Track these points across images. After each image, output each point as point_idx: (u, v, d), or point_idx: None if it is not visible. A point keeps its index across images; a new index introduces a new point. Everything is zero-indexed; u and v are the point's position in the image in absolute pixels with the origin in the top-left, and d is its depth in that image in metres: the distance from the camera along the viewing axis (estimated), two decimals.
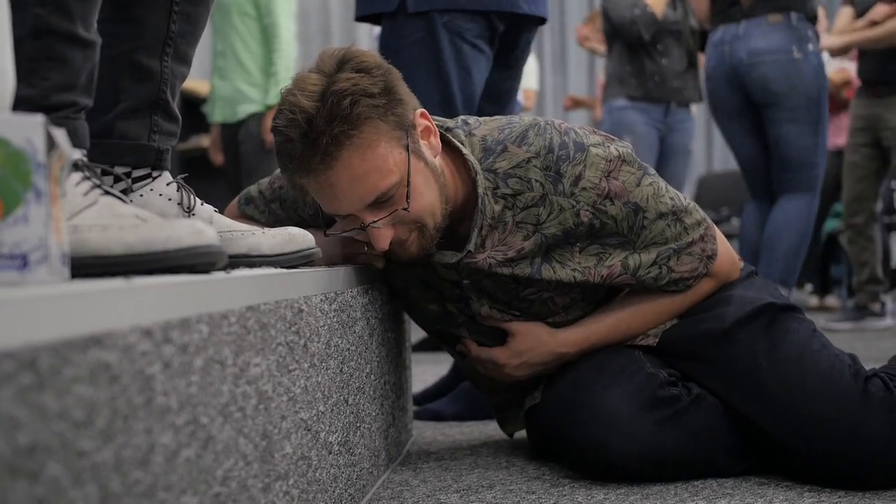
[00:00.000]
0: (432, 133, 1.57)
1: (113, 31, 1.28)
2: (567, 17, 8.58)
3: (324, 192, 1.50)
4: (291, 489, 1.15)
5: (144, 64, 1.35)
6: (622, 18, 4.14)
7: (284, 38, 4.28)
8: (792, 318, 1.67)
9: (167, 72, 1.37)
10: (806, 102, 3.49)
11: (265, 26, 4.29)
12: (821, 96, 3.49)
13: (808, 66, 3.48)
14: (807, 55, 3.47)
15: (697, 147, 8.60)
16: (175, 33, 1.36)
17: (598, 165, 1.57)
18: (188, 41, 1.40)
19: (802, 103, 3.50)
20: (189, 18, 1.39)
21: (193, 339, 0.87)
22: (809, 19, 3.52)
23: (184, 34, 1.38)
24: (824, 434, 1.53)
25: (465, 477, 1.70)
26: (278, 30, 4.26)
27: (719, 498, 1.50)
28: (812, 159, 3.53)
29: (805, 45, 3.48)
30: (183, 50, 1.39)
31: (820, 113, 3.50)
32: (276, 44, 4.28)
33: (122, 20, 1.33)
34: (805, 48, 3.47)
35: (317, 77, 1.46)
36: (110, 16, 1.28)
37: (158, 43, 1.35)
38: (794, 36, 3.48)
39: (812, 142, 3.52)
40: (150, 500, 0.77)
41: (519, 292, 1.68)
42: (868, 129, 4.56)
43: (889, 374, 1.64)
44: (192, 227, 1.01)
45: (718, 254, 1.68)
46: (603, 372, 1.65)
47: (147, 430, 0.77)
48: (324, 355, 1.31)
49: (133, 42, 1.34)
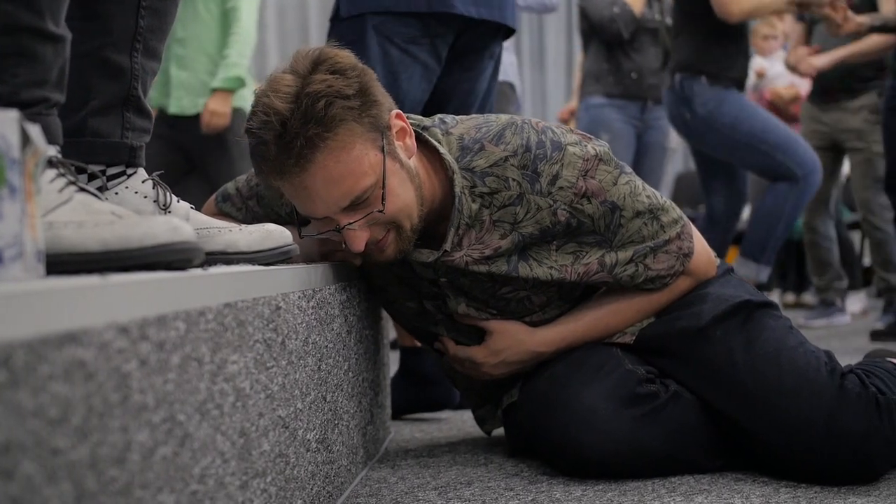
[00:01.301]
0: (407, 134, 1.57)
1: (80, 28, 1.27)
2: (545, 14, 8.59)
3: (299, 195, 1.49)
4: (269, 486, 1.15)
5: (114, 61, 1.33)
6: (601, 17, 4.15)
7: (244, 24, 4.06)
8: (768, 315, 1.68)
9: (137, 68, 1.35)
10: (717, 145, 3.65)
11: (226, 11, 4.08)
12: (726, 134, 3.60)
13: (697, 122, 3.61)
14: (694, 114, 3.60)
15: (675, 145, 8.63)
16: (144, 29, 1.35)
17: (575, 165, 1.57)
18: (157, 36, 1.38)
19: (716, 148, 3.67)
20: (157, 13, 1.37)
21: (170, 336, 0.87)
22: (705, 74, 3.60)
23: (153, 29, 1.36)
24: (800, 430, 1.54)
25: (444, 474, 1.70)
26: (239, 13, 4.04)
27: (696, 494, 1.50)
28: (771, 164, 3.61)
29: (690, 103, 3.60)
30: (153, 45, 1.38)
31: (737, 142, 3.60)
32: (235, 27, 4.05)
33: (89, 17, 1.32)
34: (691, 107, 3.61)
35: (291, 78, 1.45)
36: (77, 13, 1.27)
37: (127, 39, 1.34)
38: (678, 99, 3.64)
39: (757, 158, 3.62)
40: (126, 499, 0.77)
41: (496, 291, 1.68)
42: (826, 134, 4.62)
43: (865, 371, 1.65)
44: (169, 223, 1.01)
45: (695, 252, 1.69)
46: (580, 369, 1.65)
47: (123, 427, 0.77)
48: (302, 352, 1.31)
49: (101, 39, 1.32)
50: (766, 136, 3.59)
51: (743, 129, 3.59)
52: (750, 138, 3.59)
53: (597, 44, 4.29)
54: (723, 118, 3.59)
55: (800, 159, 3.59)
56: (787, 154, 3.60)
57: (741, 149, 3.62)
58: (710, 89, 3.59)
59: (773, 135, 3.60)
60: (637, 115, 4.23)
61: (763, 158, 3.61)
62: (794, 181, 3.59)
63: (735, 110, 3.60)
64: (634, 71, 4.19)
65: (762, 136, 3.59)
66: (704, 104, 3.59)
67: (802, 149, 3.63)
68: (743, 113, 3.61)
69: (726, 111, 3.59)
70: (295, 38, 6.90)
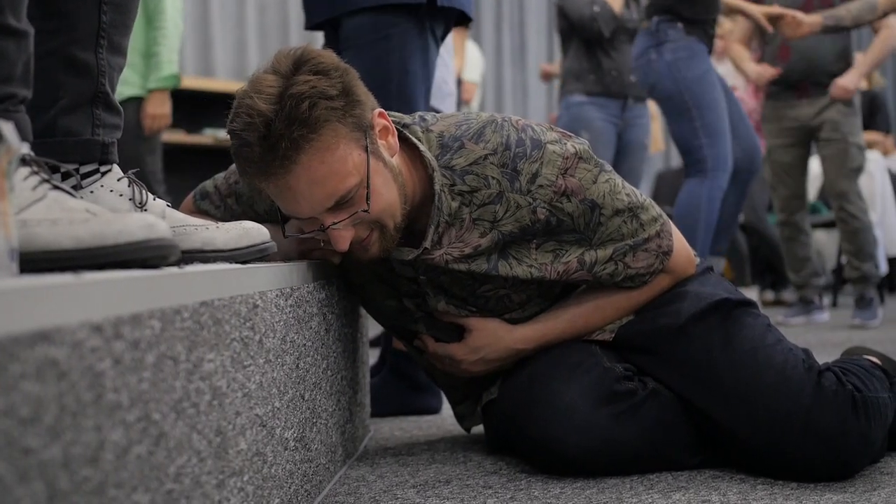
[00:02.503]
0: (390, 132, 1.56)
1: (43, 27, 1.26)
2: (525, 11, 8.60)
3: (283, 196, 1.49)
4: (246, 485, 1.14)
5: (80, 58, 1.32)
6: (581, 16, 4.15)
7: (169, 16, 3.92)
8: (747, 313, 1.69)
9: (104, 64, 1.34)
10: (667, 96, 3.64)
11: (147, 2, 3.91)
12: (680, 88, 3.59)
13: (662, 64, 3.60)
14: (661, 55, 3.60)
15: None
16: (107, 24, 1.33)
17: (554, 163, 1.58)
18: (121, 31, 1.37)
19: (664, 97, 3.65)
20: (119, 8, 1.36)
21: (145, 334, 0.86)
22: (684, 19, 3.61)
23: (116, 25, 1.35)
24: (778, 427, 1.55)
25: (422, 472, 1.70)
26: (162, 5, 3.90)
27: (674, 491, 1.51)
28: (692, 143, 3.61)
29: (661, 46, 3.61)
30: (117, 41, 1.37)
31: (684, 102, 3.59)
32: (160, 21, 3.91)
33: (51, 15, 1.30)
34: (660, 49, 3.61)
35: (273, 79, 1.44)
36: (38, 12, 1.26)
37: (91, 36, 1.32)
38: (652, 40, 3.64)
39: (687, 128, 3.60)
40: (99, 498, 0.76)
41: (476, 289, 1.68)
42: (798, 129, 4.65)
43: (842, 368, 1.66)
44: (144, 220, 1.00)
45: (674, 250, 1.70)
46: (559, 366, 1.65)
47: (97, 426, 0.76)
48: (279, 351, 1.30)
49: (65, 37, 1.31)
50: (705, 112, 3.58)
51: (694, 93, 3.59)
52: (693, 106, 3.58)
53: (577, 43, 4.30)
54: (686, 71, 3.59)
55: (717, 153, 3.59)
56: (710, 141, 3.59)
57: (679, 111, 3.62)
58: (685, 38, 3.61)
59: (712, 117, 3.59)
60: (617, 113, 4.24)
61: (688, 132, 3.61)
62: (702, 175, 3.59)
63: (700, 71, 3.61)
64: (615, 69, 4.20)
65: (702, 111, 3.59)
66: (674, 50, 3.60)
67: (725, 146, 3.62)
68: (704, 79, 3.61)
69: (693, 67, 3.60)
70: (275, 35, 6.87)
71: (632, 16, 4.20)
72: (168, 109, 3.86)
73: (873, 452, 1.60)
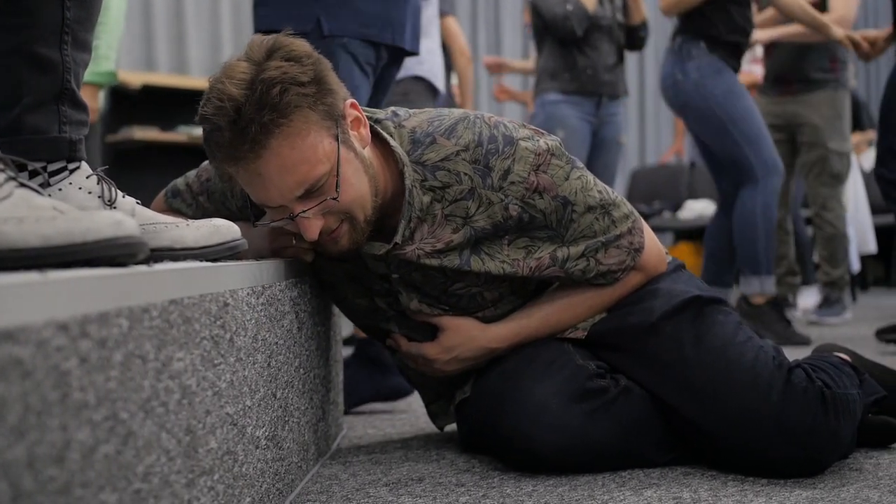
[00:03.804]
0: (362, 124, 1.56)
1: (5, 24, 1.24)
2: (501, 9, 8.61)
3: (253, 182, 1.48)
4: (216, 484, 1.14)
5: (44, 55, 1.31)
6: (554, 14, 4.15)
7: (112, 12, 3.82)
8: (718, 310, 1.70)
9: (68, 60, 1.33)
10: (699, 114, 3.65)
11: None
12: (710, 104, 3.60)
13: (689, 84, 3.62)
14: (687, 75, 3.61)
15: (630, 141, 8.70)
16: (71, 20, 1.32)
17: (526, 159, 1.58)
18: (85, 27, 1.36)
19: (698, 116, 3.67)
20: (82, 3, 1.34)
21: (112, 333, 0.85)
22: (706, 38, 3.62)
23: (79, 20, 1.34)
24: (748, 424, 1.56)
25: (395, 470, 1.69)
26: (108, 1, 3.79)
27: (646, 488, 1.51)
28: (736, 156, 3.63)
29: (685, 65, 3.62)
30: (81, 36, 1.35)
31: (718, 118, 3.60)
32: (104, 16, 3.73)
33: (14, 13, 1.29)
34: (685, 68, 3.62)
35: (246, 65, 1.44)
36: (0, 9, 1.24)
37: (55, 32, 1.31)
38: (676, 60, 3.66)
39: (727, 143, 3.62)
40: (65, 498, 0.75)
41: (448, 287, 1.68)
42: (784, 127, 4.67)
43: (812, 366, 1.67)
44: (112, 218, 0.99)
45: (646, 247, 1.70)
46: (532, 364, 1.66)
47: (62, 426, 0.75)
48: (251, 349, 1.30)
49: (29, 33, 1.30)
50: (742, 124, 3.60)
51: (726, 108, 3.59)
52: (728, 121, 3.59)
53: (551, 41, 4.30)
54: (714, 88, 3.59)
55: (763, 159, 3.61)
56: (754, 150, 3.61)
57: (715, 127, 3.62)
58: (708, 56, 3.60)
59: (749, 126, 3.61)
60: (592, 111, 4.24)
61: (731, 146, 3.62)
62: (753, 183, 3.60)
63: (727, 85, 3.61)
64: (589, 68, 4.20)
65: (739, 123, 3.60)
66: (699, 68, 3.60)
67: (769, 149, 3.65)
68: (732, 92, 3.61)
69: (719, 83, 3.60)
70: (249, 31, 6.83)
71: (605, 13, 4.21)
72: (97, 105, 3.79)
73: (843, 448, 1.61)
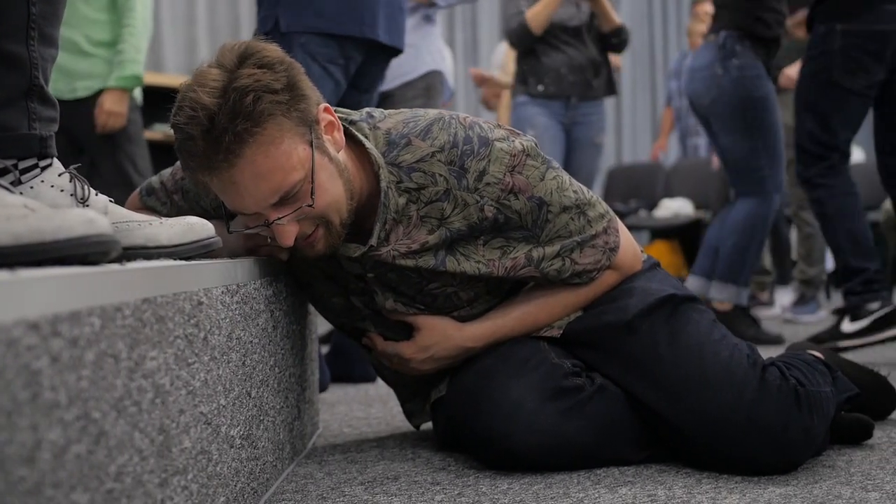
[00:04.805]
0: (336, 128, 1.56)
1: None
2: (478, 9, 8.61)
3: (227, 190, 1.47)
4: (190, 484, 1.13)
5: (11, 51, 1.29)
6: (509, 28, 4.21)
7: (138, 14, 3.74)
8: (693, 308, 1.71)
9: (35, 56, 1.32)
10: (730, 112, 3.59)
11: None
12: (745, 106, 3.56)
13: (728, 79, 3.57)
14: (727, 71, 3.57)
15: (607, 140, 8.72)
16: (36, 15, 1.31)
17: (502, 160, 1.58)
18: (51, 22, 1.34)
19: (724, 112, 3.61)
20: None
21: (84, 332, 0.85)
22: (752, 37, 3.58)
23: (45, 15, 1.33)
24: (722, 422, 1.57)
25: (371, 469, 1.69)
26: (131, 2, 3.72)
27: (621, 486, 1.52)
28: (751, 163, 3.60)
29: (728, 61, 3.57)
30: (48, 32, 1.34)
31: (747, 121, 3.57)
32: (129, 18, 3.73)
33: None
34: (727, 64, 3.57)
35: (217, 72, 1.43)
36: None
37: (21, 28, 1.30)
38: (718, 53, 3.60)
39: (746, 147, 3.60)
40: (36, 498, 0.75)
41: (423, 286, 1.68)
42: None
43: (785, 363, 1.68)
44: (84, 216, 0.98)
45: (621, 246, 1.71)
46: (507, 363, 1.66)
47: (33, 426, 0.75)
48: (225, 348, 1.29)
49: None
50: (768, 136, 3.58)
51: (759, 114, 3.55)
52: (756, 127, 3.56)
53: None
54: (753, 91, 3.55)
55: (776, 176, 3.63)
56: (772, 164, 3.61)
57: (741, 130, 3.57)
58: (753, 57, 3.56)
59: (775, 140, 3.60)
60: (561, 111, 4.24)
61: (750, 153, 3.59)
62: (761, 196, 3.60)
63: (765, 92, 3.57)
64: (553, 70, 4.21)
65: (766, 135, 3.58)
66: (742, 67, 3.55)
67: (781, 168, 3.65)
68: (769, 100, 3.58)
69: (759, 87, 3.56)
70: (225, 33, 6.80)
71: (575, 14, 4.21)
72: (124, 109, 3.74)
73: (816, 446, 1.62)
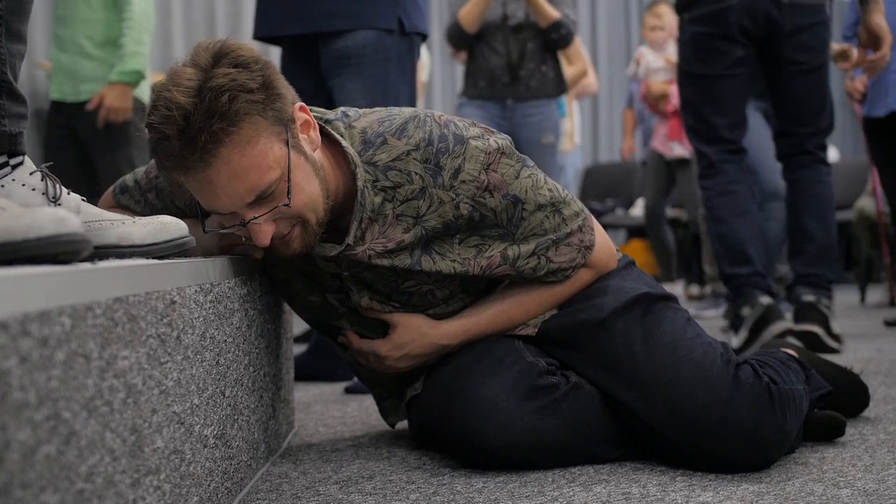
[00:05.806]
0: (312, 127, 1.55)
1: None
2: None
3: (203, 190, 1.47)
4: (163, 484, 1.13)
5: None
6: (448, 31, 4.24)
7: (138, 8, 3.72)
8: (667, 307, 1.71)
9: (3, 52, 1.30)
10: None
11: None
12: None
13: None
14: None
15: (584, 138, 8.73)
16: (4, 11, 1.29)
17: (477, 158, 1.58)
18: (19, 17, 1.33)
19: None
20: None
21: (54, 331, 0.84)
22: None
23: (12, 10, 1.31)
24: (696, 420, 1.57)
25: (346, 468, 1.69)
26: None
27: (595, 484, 1.52)
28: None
29: None
30: (15, 27, 1.33)
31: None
32: (127, 12, 3.71)
33: None
34: None
35: (192, 72, 1.42)
36: None
37: None
38: None
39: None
40: (5, 499, 0.74)
41: (399, 284, 1.67)
42: None
43: (759, 361, 1.69)
44: (54, 215, 0.98)
45: (596, 244, 1.71)
46: (482, 361, 1.66)
47: (2, 426, 0.74)
48: (199, 347, 1.28)
49: None
50: None
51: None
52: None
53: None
54: None
55: None
56: None
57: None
58: None
59: None
60: (499, 113, 4.23)
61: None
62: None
63: None
64: (485, 71, 4.22)
65: None
66: None
67: None
68: None
69: None
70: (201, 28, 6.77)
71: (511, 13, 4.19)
72: (127, 104, 3.67)
73: (789, 443, 1.63)
